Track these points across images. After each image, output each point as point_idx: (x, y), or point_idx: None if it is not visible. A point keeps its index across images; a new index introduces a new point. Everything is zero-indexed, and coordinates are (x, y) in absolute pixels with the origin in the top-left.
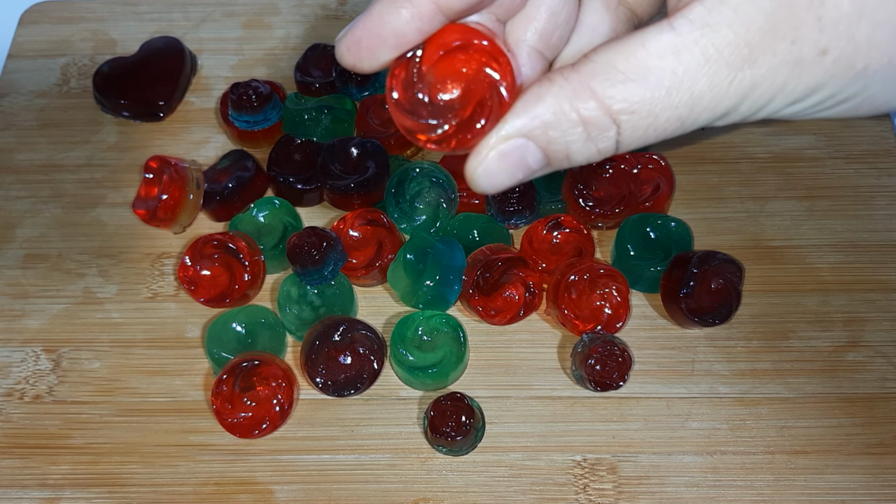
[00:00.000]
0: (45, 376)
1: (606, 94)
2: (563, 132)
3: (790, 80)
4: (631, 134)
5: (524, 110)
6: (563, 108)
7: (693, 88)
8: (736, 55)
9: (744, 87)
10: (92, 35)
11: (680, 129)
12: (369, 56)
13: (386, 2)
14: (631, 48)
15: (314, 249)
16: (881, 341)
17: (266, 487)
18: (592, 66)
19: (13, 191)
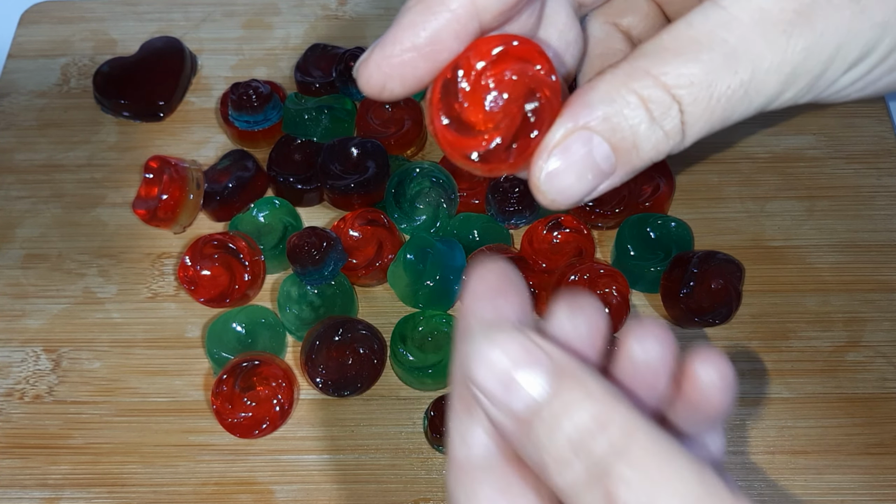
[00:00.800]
0: (45, 376)
1: (661, 72)
2: (624, 116)
3: (850, 32)
4: (694, 109)
5: (580, 103)
6: (619, 92)
7: (750, 50)
8: (787, 11)
9: (804, 41)
10: (92, 35)
11: (746, 101)
12: (403, 71)
13: (419, 8)
14: (678, 30)
15: (314, 249)
16: (881, 341)
17: (266, 487)
18: (641, 52)
19: (13, 191)
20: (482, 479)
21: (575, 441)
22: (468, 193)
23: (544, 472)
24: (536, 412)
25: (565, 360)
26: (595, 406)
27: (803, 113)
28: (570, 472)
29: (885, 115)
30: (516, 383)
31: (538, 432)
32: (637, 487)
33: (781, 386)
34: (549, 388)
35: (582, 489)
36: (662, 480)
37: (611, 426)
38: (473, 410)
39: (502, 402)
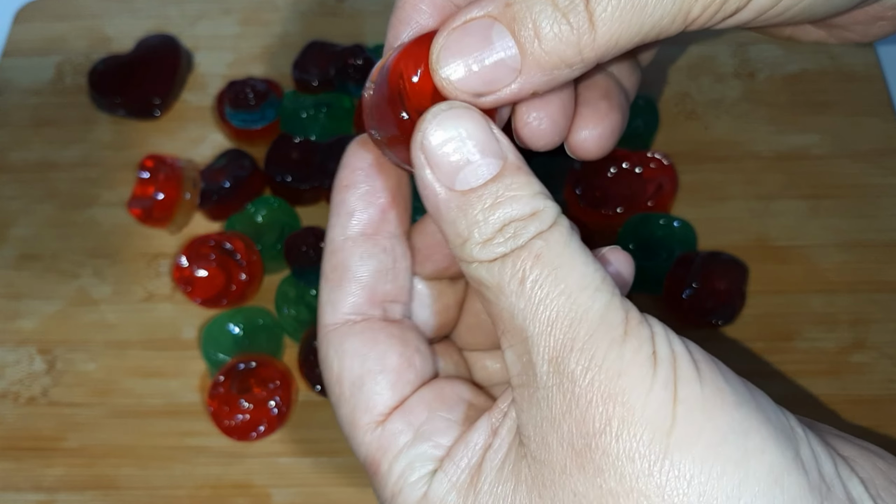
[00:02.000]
0: (39, 378)
1: None
2: (526, 4)
3: None
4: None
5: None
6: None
7: None
8: None
9: None
10: (87, 32)
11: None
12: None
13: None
14: None
15: (312, 249)
16: (887, 342)
17: (263, 491)
18: None
19: (7, 190)
20: (349, 333)
21: (507, 224)
22: None
23: (464, 242)
24: (478, 190)
25: (514, 152)
26: (534, 202)
27: (808, 112)
28: (491, 247)
29: (890, 115)
30: (468, 162)
31: (475, 208)
32: (546, 262)
33: (786, 387)
34: (497, 172)
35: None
36: (569, 262)
37: (542, 216)
38: (343, 281)
39: (448, 175)
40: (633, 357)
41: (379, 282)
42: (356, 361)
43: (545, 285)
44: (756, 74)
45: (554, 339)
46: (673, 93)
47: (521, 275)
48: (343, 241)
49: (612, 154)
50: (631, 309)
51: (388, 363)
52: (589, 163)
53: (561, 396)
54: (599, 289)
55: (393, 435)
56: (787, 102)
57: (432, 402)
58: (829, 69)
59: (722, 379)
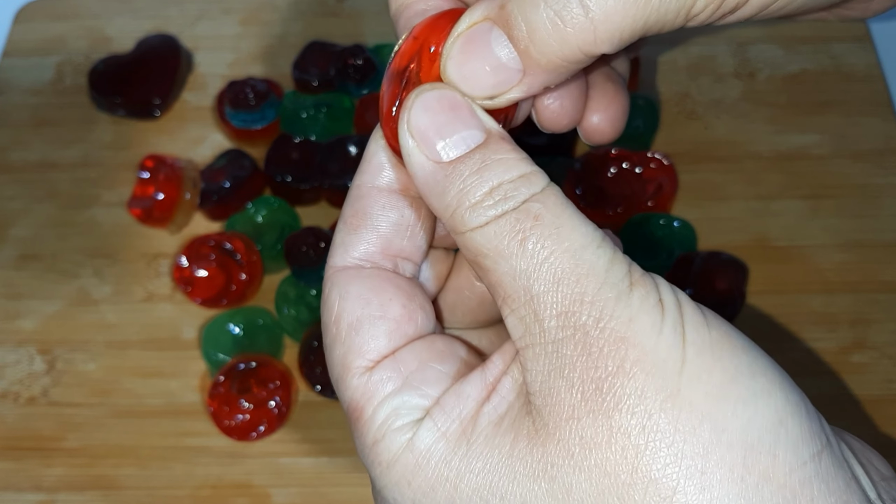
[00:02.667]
0: (39, 378)
1: None
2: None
3: None
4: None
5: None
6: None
7: None
8: None
9: None
10: (87, 32)
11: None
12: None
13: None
14: None
15: (312, 249)
16: (887, 342)
17: (263, 491)
18: None
19: (7, 190)
20: (357, 276)
21: (496, 187)
22: None
23: (454, 211)
24: (463, 157)
25: (498, 126)
26: (522, 166)
27: (808, 112)
28: (481, 210)
29: (890, 115)
30: (453, 132)
31: (463, 174)
32: (547, 222)
33: None
34: (482, 140)
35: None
36: (569, 223)
37: (533, 179)
38: (360, 228)
39: (433, 146)
40: (642, 304)
41: (396, 236)
42: (358, 304)
43: (547, 244)
44: (756, 74)
45: (562, 295)
46: (673, 93)
47: (521, 236)
48: (370, 188)
49: (612, 154)
50: (632, 263)
51: (391, 311)
52: (589, 163)
53: (572, 347)
54: (601, 245)
55: (381, 381)
56: (787, 102)
57: (425, 353)
58: (829, 69)
59: (727, 325)
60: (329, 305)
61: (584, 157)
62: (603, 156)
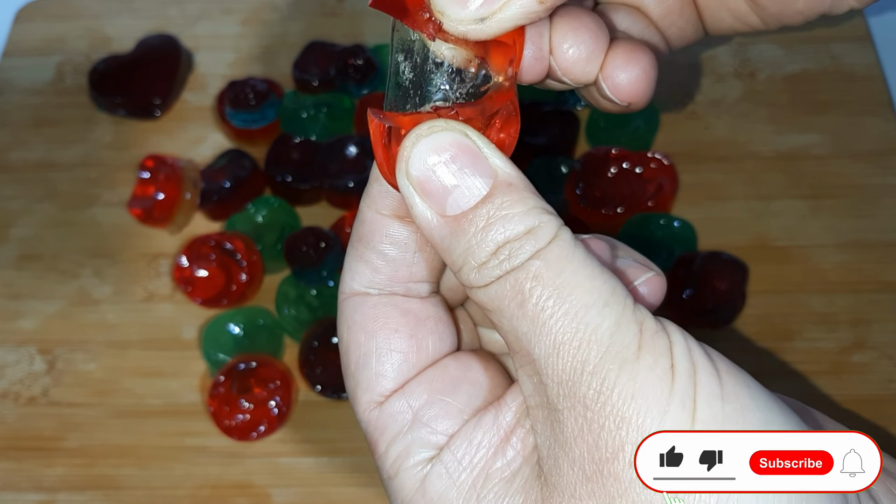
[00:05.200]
0: (39, 378)
1: None
2: None
3: None
4: None
5: None
6: None
7: None
8: None
9: None
10: (87, 32)
11: None
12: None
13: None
14: None
15: (312, 249)
16: (887, 342)
17: (263, 491)
18: None
19: (7, 190)
20: (362, 305)
21: (502, 246)
22: None
23: (460, 269)
24: (468, 214)
25: (505, 166)
26: (529, 219)
27: (808, 112)
28: (487, 270)
29: (890, 115)
30: (456, 185)
31: (468, 233)
32: (547, 281)
33: (786, 387)
34: (487, 192)
35: (494, 283)
36: (573, 280)
37: (539, 233)
38: (367, 254)
39: (437, 200)
40: (648, 376)
41: (404, 260)
42: (363, 337)
43: (547, 307)
44: (756, 74)
45: (563, 363)
46: (673, 93)
47: (520, 298)
48: (373, 213)
49: (612, 154)
50: (646, 318)
51: (396, 344)
52: (589, 163)
53: (573, 420)
54: (609, 303)
55: (391, 416)
56: (788, 102)
57: (436, 383)
58: (830, 69)
59: (746, 394)
60: (339, 334)
61: (584, 157)
62: (603, 156)
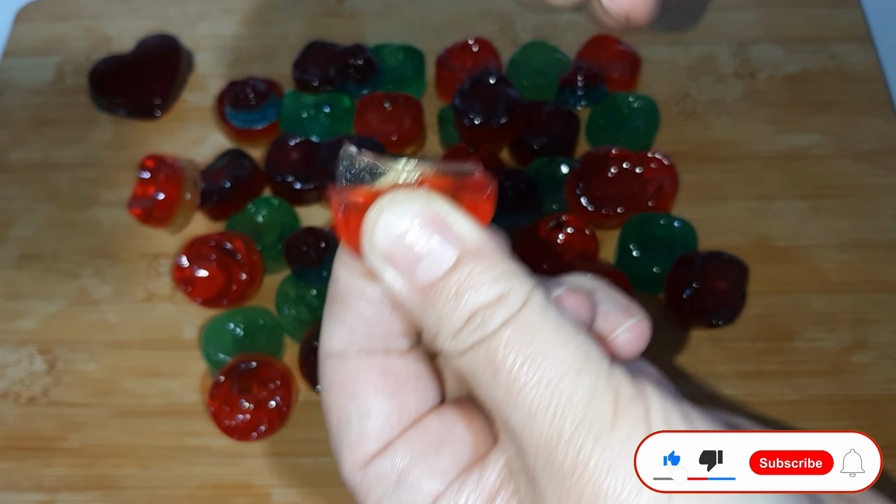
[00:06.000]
0: (40, 378)
1: None
2: None
3: None
4: None
5: None
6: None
7: None
8: None
9: None
10: (87, 32)
11: None
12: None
13: None
14: None
15: (312, 249)
16: (887, 342)
17: (264, 490)
18: None
19: (7, 190)
20: (341, 367)
21: (473, 314)
22: None
23: (435, 336)
24: (438, 283)
25: (472, 233)
26: (498, 285)
27: (808, 111)
28: (461, 338)
29: (890, 115)
30: (424, 254)
31: (439, 302)
32: (519, 349)
33: (786, 387)
34: (455, 260)
35: (469, 351)
36: (545, 347)
37: (509, 299)
38: (342, 314)
39: (406, 270)
40: (623, 447)
41: (380, 318)
42: (343, 399)
43: (520, 375)
44: (756, 74)
45: (539, 432)
46: (673, 93)
47: (493, 367)
48: (345, 274)
49: (612, 154)
50: (622, 383)
51: (377, 406)
52: (589, 163)
53: (552, 489)
54: (583, 370)
55: (376, 478)
56: (788, 102)
57: (419, 442)
58: (830, 69)
59: None
60: (322, 393)
61: (584, 157)
62: (603, 156)
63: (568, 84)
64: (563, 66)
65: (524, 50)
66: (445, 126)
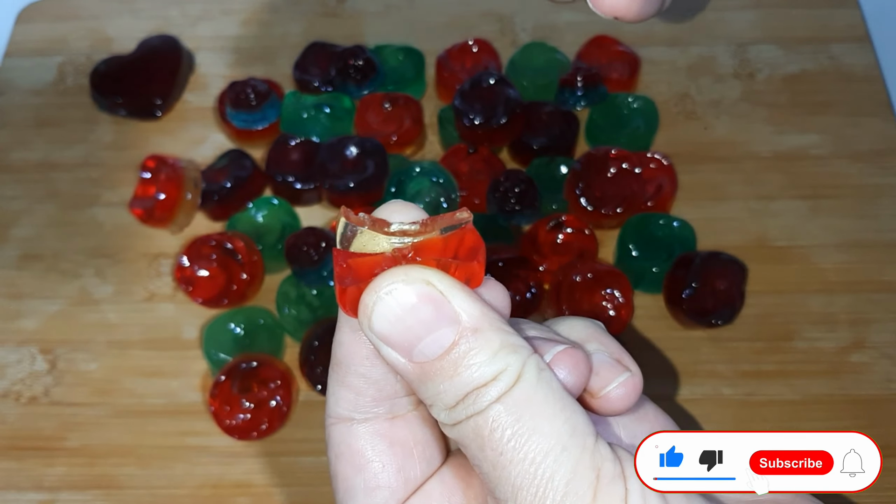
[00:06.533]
0: (41, 377)
1: None
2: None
3: None
4: None
5: None
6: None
7: None
8: None
9: None
10: (88, 33)
11: None
12: None
13: None
14: None
15: (312, 250)
16: (886, 342)
17: (264, 490)
18: None
19: (9, 190)
20: (347, 435)
21: (469, 393)
22: (468, 193)
23: (431, 407)
24: (435, 363)
25: (471, 309)
26: (495, 365)
27: (807, 112)
28: (454, 413)
29: (889, 115)
30: (422, 336)
31: (436, 379)
32: (506, 426)
33: (785, 387)
34: (453, 340)
35: (460, 424)
36: (532, 423)
37: (503, 377)
38: (347, 378)
39: (404, 351)
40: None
41: (387, 379)
42: (350, 470)
43: (506, 452)
44: (756, 74)
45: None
46: (673, 93)
47: (480, 441)
48: (349, 336)
49: (612, 154)
50: (604, 463)
51: (384, 481)
52: (589, 163)
53: None
54: (566, 447)
55: None
56: (787, 102)
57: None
58: (829, 69)
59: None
60: (328, 456)
61: (584, 157)
62: (603, 156)
63: (567, 84)
64: (563, 67)
65: (524, 50)
66: (445, 126)
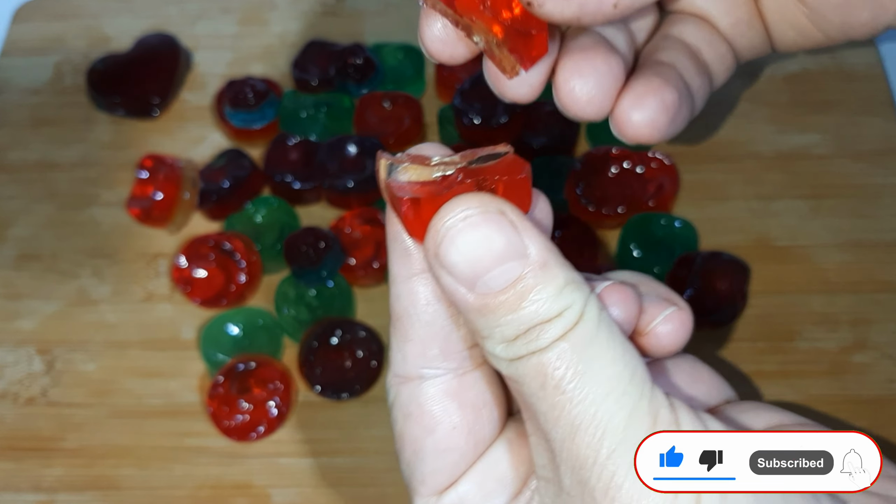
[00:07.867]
0: (38, 378)
1: None
2: None
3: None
4: None
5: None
6: None
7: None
8: None
9: None
10: (86, 32)
11: None
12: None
13: None
14: None
15: (312, 249)
16: (888, 342)
17: (263, 491)
18: None
19: (6, 190)
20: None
21: (531, 328)
22: None
23: (486, 339)
24: (499, 295)
25: (538, 244)
26: (560, 301)
27: (809, 111)
28: (513, 348)
29: (891, 114)
30: (490, 266)
31: (498, 311)
32: (570, 365)
33: (786, 387)
34: (518, 274)
35: (519, 360)
36: (595, 364)
37: (567, 314)
38: (411, 331)
39: (468, 279)
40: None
41: (451, 330)
42: (418, 431)
43: (567, 390)
44: (756, 74)
45: (577, 448)
46: None
47: (541, 379)
48: (406, 280)
49: (612, 154)
50: (661, 409)
51: (454, 443)
52: (590, 162)
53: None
54: (626, 391)
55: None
56: (788, 102)
57: (489, 481)
58: (831, 68)
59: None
60: (393, 417)
61: (584, 157)
62: (603, 155)
63: None
64: None
65: None
66: (445, 126)
